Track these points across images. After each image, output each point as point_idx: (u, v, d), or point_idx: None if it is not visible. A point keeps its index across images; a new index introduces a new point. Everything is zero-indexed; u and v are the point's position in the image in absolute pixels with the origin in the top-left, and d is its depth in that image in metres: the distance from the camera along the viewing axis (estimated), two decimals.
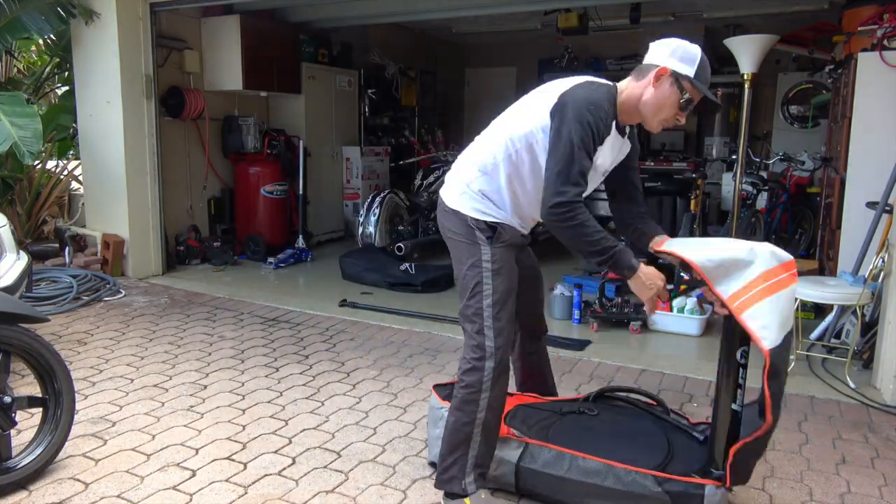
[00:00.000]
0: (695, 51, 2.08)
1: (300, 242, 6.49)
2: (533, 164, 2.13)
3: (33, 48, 6.90)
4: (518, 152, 2.13)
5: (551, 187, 1.99)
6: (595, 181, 2.19)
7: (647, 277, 2.05)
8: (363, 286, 5.38)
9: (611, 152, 2.16)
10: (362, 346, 3.97)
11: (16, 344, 2.31)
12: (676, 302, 4.26)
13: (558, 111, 2.04)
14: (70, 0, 5.18)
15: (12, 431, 2.37)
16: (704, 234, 5.64)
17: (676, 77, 2.07)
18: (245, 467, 2.53)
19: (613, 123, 2.10)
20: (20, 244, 3.86)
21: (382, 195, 6.20)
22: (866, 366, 3.63)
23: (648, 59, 2.13)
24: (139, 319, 4.40)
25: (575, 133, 1.97)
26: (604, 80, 2.17)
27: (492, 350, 2.10)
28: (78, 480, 2.41)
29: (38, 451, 2.37)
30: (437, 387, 2.65)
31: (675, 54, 2.08)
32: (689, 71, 2.07)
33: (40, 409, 2.43)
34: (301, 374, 3.52)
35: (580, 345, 4.03)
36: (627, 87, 2.13)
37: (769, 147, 7.86)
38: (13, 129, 4.49)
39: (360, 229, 6.16)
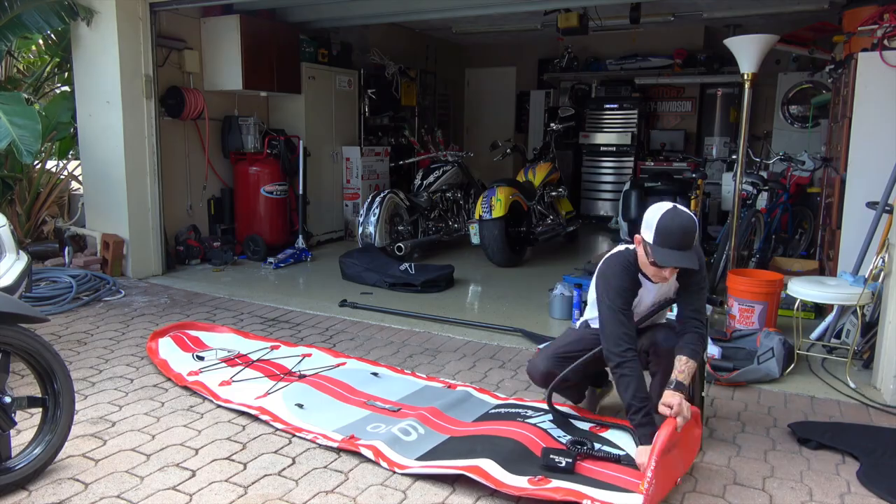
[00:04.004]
0: (653, 217, 2.45)
1: (300, 242, 6.49)
2: None
3: (33, 48, 6.90)
4: None
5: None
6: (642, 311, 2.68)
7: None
8: (363, 286, 5.38)
9: (649, 293, 2.63)
10: (362, 346, 3.97)
11: (16, 344, 2.30)
12: None
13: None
14: (73, 1, 5.18)
15: (12, 431, 2.37)
16: (704, 234, 5.64)
17: (645, 243, 2.47)
18: (245, 467, 2.53)
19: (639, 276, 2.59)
20: (20, 244, 3.86)
21: (382, 195, 6.20)
22: (866, 366, 3.63)
23: None
24: (139, 319, 4.40)
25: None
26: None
27: None
28: (78, 480, 2.40)
29: (37, 452, 2.37)
30: None
31: (644, 221, 2.48)
32: (650, 237, 2.44)
33: (40, 409, 2.42)
34: None
35: None
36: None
37: (769, 147, 7.86)
38: (12, 127, 4.49)
39: (360, 229, 6.15)
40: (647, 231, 2.44)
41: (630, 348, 2.45)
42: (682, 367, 2.44)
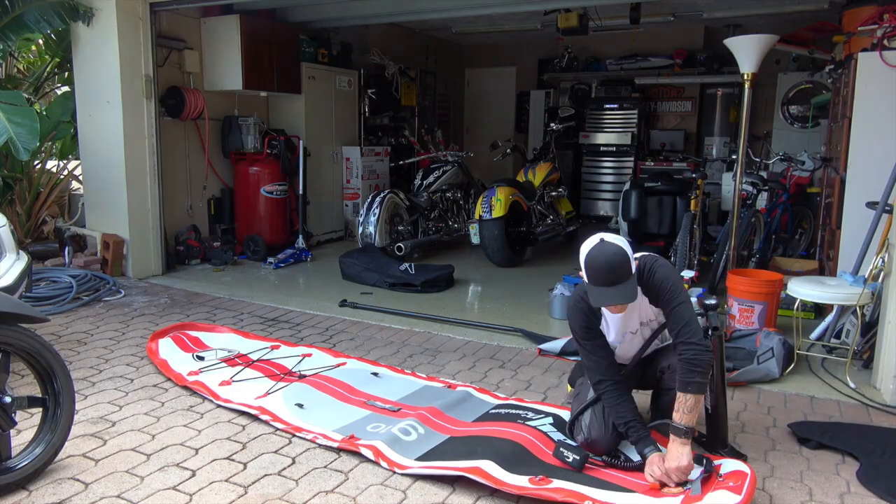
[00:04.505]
0: (582, 254, 2.39)
1: (300, 242, 6.49)
2: None
3: (33, 48, 6.90)
4: None
5: None
6: (624, 338, 2.62)
7: (653, 464, 2.34)
8: (363, 286, 5.38)
9: (612, 321, 2.57)
10: (362, 346, 3.97)
11: (16, 344, 2.30)
12: None
13: None
14: (73, 1, 5.19)
15: (12, 431, 2.37)
16: (704, 234, 5.64)
17: (582, 280, 2.44)
18: (245, 467, 2.53)
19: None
20: (20, 244, 3.86)
21: (382, 195, 6.20)
22: (866, 366, 3.63)
23: None
24: (139, 319, 4.40)
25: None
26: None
27: None
28: (78, 480, 2.41)
29: (37, 451, 2.37)
30: None
31: (580, 257, 2.42)
32: (584, 274, 2.40)
33: (40, 409, 2.43)
34: None
35: None
36: None
37: (769, 147, 7.86)
38: (10, 125, 4.50)
39: (360, 229, 6.15)
40: (582, 268, 2.39)
41: (602, 380, 2.50)
42: (679, 405, 2.30)
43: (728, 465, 2.35)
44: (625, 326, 2.60)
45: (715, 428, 2.64)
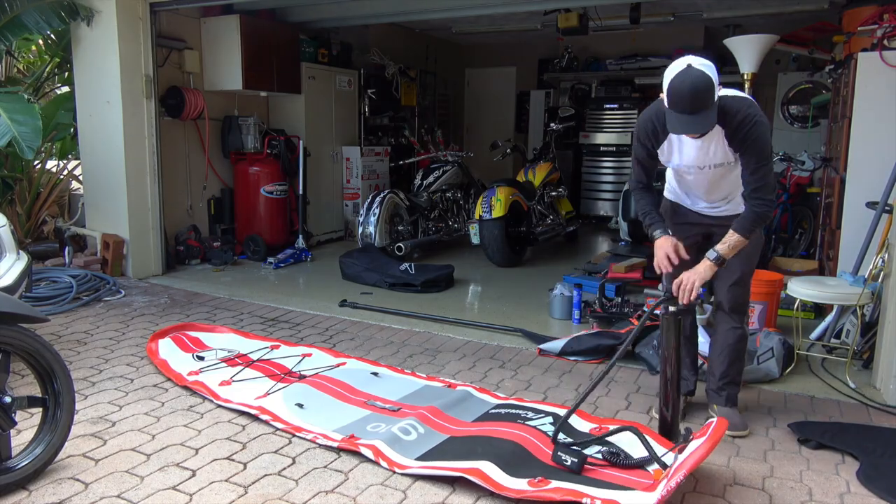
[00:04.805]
0: (667, 77, 2.39)
1: (300, 242, 6.49)
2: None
3: (33, 48, 6.90)
4: None
5: None
6: (690, 171, 2.72)
7: (656, 246, 2.76)
8: (363, 286, 5.38)
9: (686, 148, 2.63)
10: (362, 347, 3.97)
11: (16, 344, 2.30)
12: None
13: None
14: (73, 1, 5.19)
15: (12, 431, 2.37)
16: None
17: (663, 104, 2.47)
18: (245, 467, 2.53)
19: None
20: (20, 244, 3.86)
21: (382, 195, 6.20)
22: (866, 366, 3.63)
23: None
24: (139, 319, 4.40)
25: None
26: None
27: None
28: (78, 480, 2.41)
29: (38, 451, 2.37)
30: None
31: (664, 80, 2.42)
32: (665, 99, 2.42)
33: (40, 409, 2.43)
34: None
35: None
36: None
37: None
38: (13, 124, 4.53)
39: (360, 229, 6.16)
40: (665, 92, 2.38)
41: (640, 183, 2.83)
42: (727, 238, 2.59)
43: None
44: (694, 158, 2.63)
45: (665, 416, 2.70)
